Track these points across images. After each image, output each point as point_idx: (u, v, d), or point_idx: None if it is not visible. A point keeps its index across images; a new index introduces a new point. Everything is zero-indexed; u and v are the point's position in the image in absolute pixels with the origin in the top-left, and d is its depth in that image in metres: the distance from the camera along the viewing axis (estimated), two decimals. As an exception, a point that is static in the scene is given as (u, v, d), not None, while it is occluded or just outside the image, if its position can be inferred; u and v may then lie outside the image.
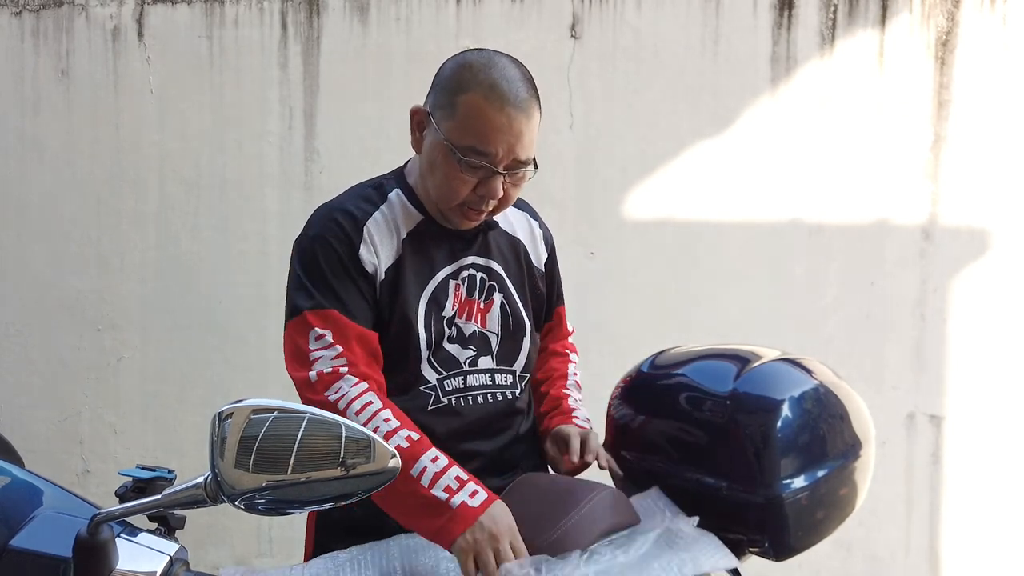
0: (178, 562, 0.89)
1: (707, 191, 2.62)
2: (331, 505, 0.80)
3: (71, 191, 2.83)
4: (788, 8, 2.60)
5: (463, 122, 1.16)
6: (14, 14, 2.86)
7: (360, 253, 1.21)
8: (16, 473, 1.01)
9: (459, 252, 1.29)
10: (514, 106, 1.15)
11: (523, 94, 1.17)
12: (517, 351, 1.33)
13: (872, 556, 2.62)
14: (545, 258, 1.42)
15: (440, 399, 1.26)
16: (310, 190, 2.71)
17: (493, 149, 1.16)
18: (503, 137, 1.15)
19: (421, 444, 1.11)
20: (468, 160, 1.16)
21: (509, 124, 1.15)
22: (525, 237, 1.39)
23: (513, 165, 1.19)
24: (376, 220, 1.24)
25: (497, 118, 1.15)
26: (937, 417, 2.61)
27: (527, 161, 1.20)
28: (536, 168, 1.23)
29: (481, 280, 1.30)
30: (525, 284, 1.37)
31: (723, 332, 2.55)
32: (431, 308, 1.25)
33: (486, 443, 1.28)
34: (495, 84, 1.16)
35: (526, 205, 1.45)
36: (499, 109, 1.15)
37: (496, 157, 1.16)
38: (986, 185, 2.56)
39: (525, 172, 1.22)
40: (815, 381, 1.25)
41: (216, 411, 0.78)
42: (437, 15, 2.67)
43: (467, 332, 1.28)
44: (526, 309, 1.36)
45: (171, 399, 2.80)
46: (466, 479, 1.09)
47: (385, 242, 1.23)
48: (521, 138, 1.16)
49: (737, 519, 1.18)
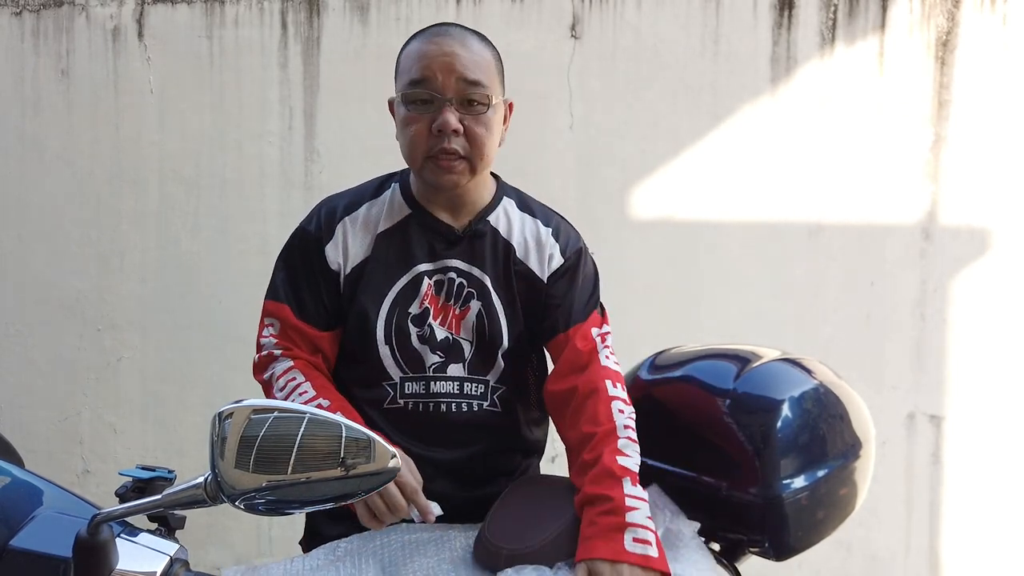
0: (178, 562, 0.89)
1: (707, 191, 2.62)
2: (331, 505, 0.80)
3: (71, 191, 2.83)
4: (788, 8, 2.60)
5: (404, 68, 1.20)
6: (14, 14, 2.86)
7: (326, 251, 1.25)
8: (16, 473, 1.01)
9: (441, 252, 1.26)
10: (442, 36, 1.17)
11: (455, 29, 1.19)
12: (490, 364, 1.27)
13: (872, 556, 2.62)
14: (552, 271, 1.28)
15: (396, 399, 1.25)
16: (310, 190, 2.71)
17: (429, 74, 1.15)
18: (436, 59, 1.15)
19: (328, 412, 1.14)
20: (412, 93, 1.17)
21: (439, 47, 1.16)
22: (522, 243, 1.28)
23: (462, 90, 1.15)
24: (356, 216, 1.27)
25: (427, 47, 1.17)
26: (937, 417, 2.61)
27: (476, 82, 1.15)
28: (495, 103, 1.18)
29: (459, 285, 1.26)
30: (515, 295, 1.27)
31: (723, 332, 2.55)
32: (398, 302, 1.25)
33: (446, 452, 1.25)
34: (427, 28, 1.21)
35: (541, 212, 1.33)
36: (427, 40, 1.18)
37: (435, 82, 1.15)
38: (986, 185, 2.56)
39: (480, 101, 1.16)
40: (815, 381, 1.25)
41: (216, 411, 0.78)
42: (437, 15, 2.67)
43: (439, 337, 1.25)
44: (511, 322, 1.27)
45: (171, 399, 2.80)
46: None
47: (359, 238, 1.26)
48: (456, 57, 1.15)
49: (737, 519, 1.18)
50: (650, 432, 1.24)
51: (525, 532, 1.08)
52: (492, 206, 1.30)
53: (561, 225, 1.33)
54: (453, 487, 1.24)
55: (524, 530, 1.09)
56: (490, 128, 1.19)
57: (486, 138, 1.19)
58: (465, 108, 1.17)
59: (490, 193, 1.31)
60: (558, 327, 1.28)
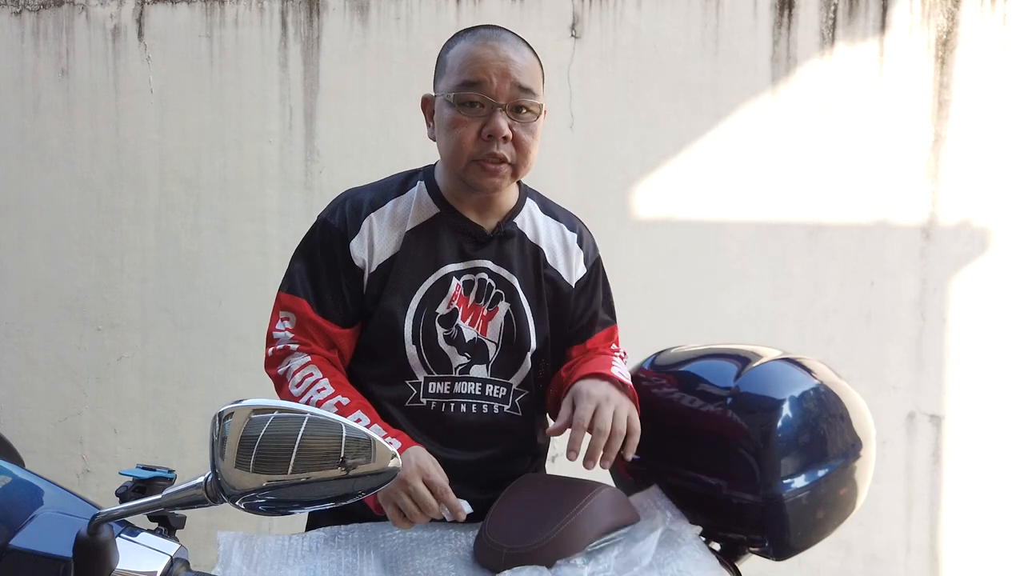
0: (178, 562, 0.89)
1: (707, 191, 2.62)
2: (331, 505, 0.80)
3: (71, 190, 2.83)
4: (788, 8, 2.60)
5: (453, 68, 1.18)
6: (14, 14, 2.86)
7: (351, 246, 1.23)
8: (16, 473, 1.01)
9: (470, 252, 1.25)
10: (498, 40, 1.17)
11: (508, 34, 1.19)
12: (517, 365, 1.28)
13: (872, 556, 2.62)
14: (580, 275, 1.33)
15: (419, 398, 1.25)
16: (310, 190, 2.71)
17: (484, 76, 1.15)
18: (492, 64, 1.15)
19: (349, 408, 1.14)
20: (464, 95, 1.16)
21: (495, 52, 1.16)
22: (551, 247, 1.30)
23: (514, 96, 1.16)
24: (383, 212, 1.25)
25: (481, 50, 1.16)
26: (937, 417, 2.61)
27: (528, 89, 1.17)
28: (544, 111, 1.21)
29: (488, 286, 1.26)
30: (543, 299, 1.29)
31: (723, 332, 2.55)
32: (426, 302, 1.23)
33: (465, 454, 1.25)
34: (477, 30, 1.20)
35: (565, 216, 1.36)
36: (482, 43, 1.17)
37: (490, 86, 1.15)
38: (986, 185, 2.56)
39: (531, 108, 1.17)
40: (815, 381, 1.25)
41: (216, 411, 0.78)
42: (437, 15, 2.67)
43: (467, 337, 1.25)
44: (538, 325, 1.28)
45: (171, 399, 2.80)
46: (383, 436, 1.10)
47: (385, 235, 1.24)
48: (511, 63, 1.15)
49: (737, 519, 1.18)
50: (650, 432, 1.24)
51: (525, 532, 1.08)
52: (518, 208, 1.30)
53: (584, 232, 1.37)
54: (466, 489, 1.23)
55: (524, 530, 1.09)
56: (536, 135, 1.20)
57: (532, 145, 1.20)
58: (515, 115, 1.17)
59: (515, 195, 1.31)
60: (582, 336, 1.34)
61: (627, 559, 1.08)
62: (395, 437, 1.14)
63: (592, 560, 1.08)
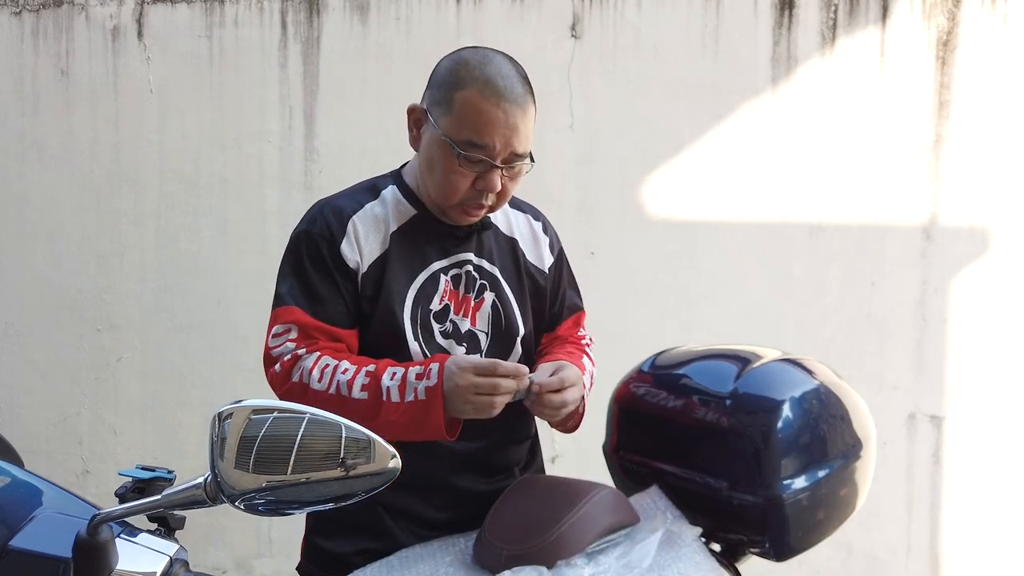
0: (178, 562, 0.89)
1: (707, 191, 2.62)
2: (331, 505, 0.80)
3: (71, 190, 2.83)
4: (788, 8, 2.60)
5: (460, 117, 1.19)
6: (14, 14, 2.86)
7: (342, 249, 1.23)
8: (16, 473, 1.01)
9: (452, 248, 1.29)
10: (509, 101, 1.18)
11: (519, 89, 1.20)
12: (509, 351, 1.32)
13: (872, 556, 2.62)
14: (550, 262, 1.39)
15: None
16: (310, 190, 2.70)
17: (490, 142, 1.17)
18: (499, 130, 1.17)
19: (379, 370, 1.16)
20: (466, 154, 1.18)
21: (505, 118, 1.17)
22: (523, 237, 1.37)
23: (511, 159, 1.20)
24: (365, 214, 1.26)
25: (493, 112, 1.17)
26: (937, 417, 2.61)
27: (524, 154, 1.22)
28: (533, 162, 1.25)
29: (473, 278, 1.30)
30: (524, 286, 1.35)
31: (723, 332, 2.55)
32: (419, 300, 1.26)
33: (468, 444, 1.25)
34: (490, 80, 1.18)
35: (528, 207, 1.43)
36: (495, 104, 1.17)
37: (493, 150, 1.18)
38: (986, 185, 2.56)
39: (522, 166, 1.23)
40: (816, 381, 1.25)
41: (216, 411, 0.78)
42: (437, 15, 2.67)
43: (462, 329, 1.28)
44: (522, 312, 1.33)
45: (171, 399, 2.80)
46: (421, 370, 1.15)
47: (371, 236, 1.25)
48: (517, 132, 1.19)
49: (737, 519, 1.18)
50: (650, 432, 1.24)
51: (525, 533, 1.09)
52: None
53: (546, 221, 1.44)
54: (474, 479, 1.27)
55: (524, 530, 1.09)
56: (519, 179, 1.26)
57: (513, 189, 1.26)
58: (508, 170, 1.21)
59: None
60: (551, 323, 1.41)
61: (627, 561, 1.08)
62: (432, 362, 1.17)
63: (592, 561, 1.08)
